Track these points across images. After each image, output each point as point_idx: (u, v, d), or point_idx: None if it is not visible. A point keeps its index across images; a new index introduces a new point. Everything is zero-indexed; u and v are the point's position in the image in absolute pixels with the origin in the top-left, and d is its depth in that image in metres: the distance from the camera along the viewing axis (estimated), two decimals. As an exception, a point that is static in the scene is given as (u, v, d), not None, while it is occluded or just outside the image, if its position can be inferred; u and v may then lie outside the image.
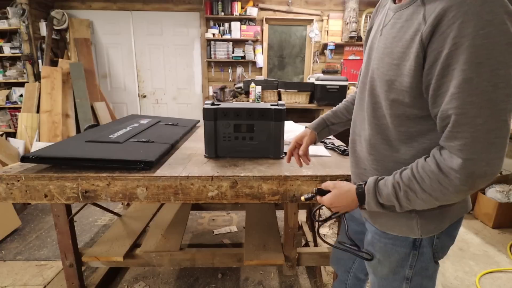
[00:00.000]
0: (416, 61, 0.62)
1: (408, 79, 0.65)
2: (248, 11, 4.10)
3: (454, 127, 0.60)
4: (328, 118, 1.10)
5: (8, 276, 1.84)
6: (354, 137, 0.89)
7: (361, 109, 0.84)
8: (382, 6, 0.84)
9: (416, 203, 0.68)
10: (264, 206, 1.98)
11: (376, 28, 0.79)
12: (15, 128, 3.87)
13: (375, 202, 0.74)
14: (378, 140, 0.77)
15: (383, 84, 0.71)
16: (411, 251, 0.79)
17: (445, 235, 0.79)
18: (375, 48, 0.77)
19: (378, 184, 0.74)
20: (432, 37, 0.60)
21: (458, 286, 1.79)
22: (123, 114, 4.52)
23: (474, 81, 0.56)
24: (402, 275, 0.82)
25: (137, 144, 1.35)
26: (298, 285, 1.79)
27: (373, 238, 0.86)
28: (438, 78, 0.60)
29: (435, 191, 0.64)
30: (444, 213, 0.75)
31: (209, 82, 4.48)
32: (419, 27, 0.62)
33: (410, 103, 0.67)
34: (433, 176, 0.63)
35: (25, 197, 1.10)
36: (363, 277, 1.13)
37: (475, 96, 0.56)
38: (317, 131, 1.08)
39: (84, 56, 4.07)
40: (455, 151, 0.60)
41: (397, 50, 0.67)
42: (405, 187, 0.68)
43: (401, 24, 0.68)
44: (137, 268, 1.91)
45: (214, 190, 1.11)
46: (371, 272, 0.91)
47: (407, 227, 0.76)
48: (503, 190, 2.47)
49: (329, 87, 3.67)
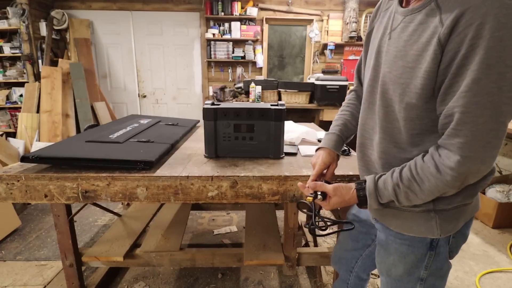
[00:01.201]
0: (433, 63, 0.63)
1: (423, 81, 0.65)
2: (248, 11, 4.10)
3: (458, 125, 0.61)
4: (343, 133, 1.01)
5: (8, 276, 1.84)
6: (364, 141, 0.88)
7: (371, 112, 0.84)
8: (383, 10, 0.84)
9: (415, 201, 0.72)
10: (264, 206, 1.98)
11: (382, 32, 0.79)
12: (15, 128, 3.87)
13: (377, 204, 0.77)
14: (390, 143, 0.77)
15: (397, 88, 0.71)
16: (427, 251, 0.79)
17: (459, 233, 0.80)
18: (383, 52, 0.77)
19: (377, 185, 0.75)
20: (449, 38, 0.60)
21: (458, 286, 1.79)
22: (123, 114, 4.53)
23: (482, 82, 0.57)
24: (417, 276, 0.82)
25: (137, 144, 1.35)
26: (298, 285, 1.79)
27: (387, 239, 0.85)
28: (452, 77, 0.61)
29: (433, 192, 0.68)
30: (461, 212, 0.76)
31: (209, 82, 4.48)
32: (436, 30, 0.63)
33: (424, 106, 0.68)
34: (432, 178, 0.66)
35: (25, 197, 1.10)
36: (365, 277, 1.13)
37: (481, 97, 0.58)
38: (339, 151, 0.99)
39: (84, 56, 4.07)
40: (455, 149, 0.62)
41: (412, 53, 0.67)
42: (405, 188, 0.70)
43: (414, 28, 0.68)
44: (137, 268, 1.91)
45: (214, 190, 1.10)
46: (384, 273, 0.90)
47: (426, 227, 0.76)
48: (503, 190, 2.47)
49: (329, 87, 3.67)
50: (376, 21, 0.87)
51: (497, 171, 2.89)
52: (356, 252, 1.08)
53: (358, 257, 1.08)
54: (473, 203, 0.77)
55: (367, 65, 0.88)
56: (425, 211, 0.75)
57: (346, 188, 0.81)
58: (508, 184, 2.54)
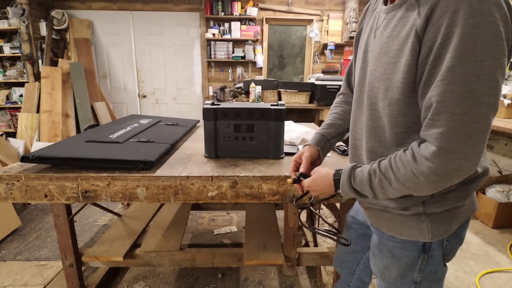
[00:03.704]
0: (412, 54, 0.62)
1: (404, 74, 0.64)
2: (248, 11, 4.10)
3: (434, 114, 0.59)
4: (327, 132, 1.00)
5: (8, 276, 1.84)
6: (355, 142, 0.88)
7: (360, 113, 0.84)
8: (371, 10, 0.84)
9: (389, 192, 0.69)
10: (264, 206, 1.98)
11: (369, 32, 0.79)
12: (15, 128, 3.87)
13: (348, 186, 0.75)
14: (376, 142, 0.77)
15: (381, 84, 0.71)
16: (420, 254, 0.78)
17: (454, 237, 0.78)
18: (370, 51, 0.77)
19: (354, 170, 0.75)
20: (426, 28, 0.60)
21: (458, 286, 1.79)
22: (123, 114, 4.52)
23: (457, 70, 0.56)
24: (411, 279, 0.81)
25: (137, 144, 1.35)
26: (298, 285, 1.79)
27: (380, 242, 0.85)
28: (430, 68, 0.60)
29: (408, 181, 0.64)
30: (453, 215, 0.74)
31: (209, 82, 4.48)
32: (414, 22, 0.62)
33: (406, 101, 0.67)
34: (407, 165, 0.64)
35: (25, 197, 1.10)
36: (367, 280, 1.12)
37: (457, 85, 0.56)
38: (319, 147, 0.97)
39: (84, 56, 4.07)
40: (432, 139, 0.60)
41: (393, 48, 0.67)
42: (381, 174, 0.68)
43: (395, 23, 0.68)
44: (137, 268, 1.91)
45: (214, 190, 1.10)
46: (378, 276, 0.89)
47: (417, 230, 0.75)
48: (503, 190, 2.47)
49: (329, 87, 3.67)
50: (364, 22, 0.87)
51: (497, 171, 2.88)
52: (356, 255, 1.08)
53: (359, 259, 1.08)
54: (466, 205, 0.76)
55: (356, 66, 0.88)
56: (416, 214, 0.74)
57: (325, 168, 0.84)
58: (508, 184, 2.54)
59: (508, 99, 2.55)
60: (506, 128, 2.21)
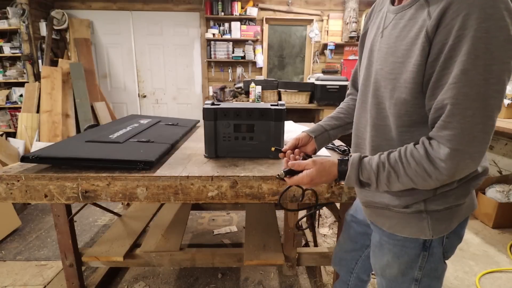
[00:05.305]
0: (421, 55, 0.63)
1: (412, 74, 0.65)
2: (248, 11, 4.10)
3: (448, 116, 0.60)
4: (326, 123, 1.02)
5: (8, 276, 1.84)
6: (357, 141, 0.88)
7: (364, 111, 0.84)
8: (377, 11, 0.84)
9: (394, 185, 0.70)
10: (264, 206, 1.98)
11: (375, 31, 0.80)
12: (15, 128, 3.87)
13: (355, 178, 0.73)
14: (382, 142, 0.77)
15: (388, 83, 0.71)
16: (421, 252, 0.79)
17: (454, 234, 0.79)
18: (376, 50, 0.77)
19: (362, 160, 0.73)
20: (437, 30, 0.60)
21: (458, 286, 1.79)
22: (123, 114, 4.53)
23: (470, 73, 0.57)
24: (411, 276, 0.82)
25: (137, 144, 1.35)
26: (298, 285, 1.79)
27: (381, 239, 0.85)
28: (440, 69, 0.61)
29: (417, 177, 0.66)
30: (454, 213, 0.75)
31: (209, 82, 4.48)
32: (424, 23, 0.63)
33: (413, 101, 0.68)
34: (420, 162, 0.65)
35: (25, 197, 1.10)
36: (365, 278, 1.13)
37: (469, 88, 0.57)
38: (314, 135, 0.98)
39: (84, 56, 4.07)
40: (444, 141, 0.61)
41: (402, 48, 0.68)
42: (389, 167, 0.69)
43: (404, 24, 0.69)
44: (137, 268, 1.91)
45: (214, 190, 1.10)
46: (378, 274, 0.90)
47: (418, 228, 0.76)
48: (503, 190, 2.47)
49: (329, 87, 3.67)
50: (370, 22, 0.87)
51: (497, 171, 2.88)
52: (355, 253, 1.08)
53: (357, 258, 1.08)
54: (466, 203, 0.77)
55: (361, 65, 0.88)
56: (417, 212, 0.75)
57: (327, 159, 0.78)
58: (508, 184, 2.54)
59: (508, 99, 2.55)
60: (506, 128, 2.21)
